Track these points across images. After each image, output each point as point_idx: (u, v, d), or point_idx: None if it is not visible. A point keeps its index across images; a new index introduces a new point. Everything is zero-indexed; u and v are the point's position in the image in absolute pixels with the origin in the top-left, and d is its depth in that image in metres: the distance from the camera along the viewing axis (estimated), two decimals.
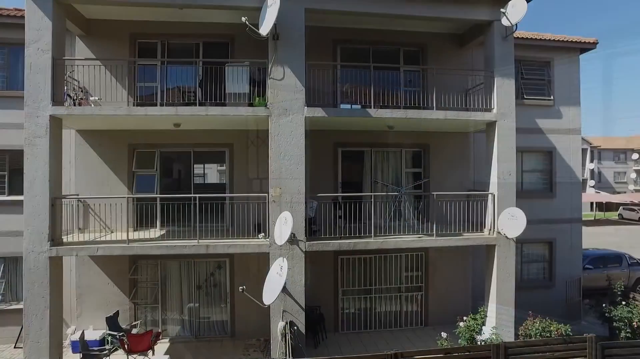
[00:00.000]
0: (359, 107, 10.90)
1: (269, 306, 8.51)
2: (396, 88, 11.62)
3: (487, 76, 10.34)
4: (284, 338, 8.82)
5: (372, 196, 9.86)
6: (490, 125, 10.29)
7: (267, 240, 9.23)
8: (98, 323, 10.32)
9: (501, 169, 10.06)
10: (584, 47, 13.91)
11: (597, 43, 13.76)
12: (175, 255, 9.64)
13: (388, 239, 9.63)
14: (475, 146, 12.38)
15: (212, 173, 11.88)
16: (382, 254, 11.68)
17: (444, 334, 9.16)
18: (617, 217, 50.20)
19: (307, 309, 9.69)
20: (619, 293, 11.83)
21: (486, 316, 10.14)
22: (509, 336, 9.80)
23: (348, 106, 11.41)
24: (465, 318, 9.74)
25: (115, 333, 9.41)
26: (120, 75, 10.37)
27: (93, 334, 9.91)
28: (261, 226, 9.81)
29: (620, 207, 50.21)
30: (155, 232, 10.28)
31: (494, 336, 9.25)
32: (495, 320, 9.94)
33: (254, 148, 10.99)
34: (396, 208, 11.48)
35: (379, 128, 11.13)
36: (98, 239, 9.67)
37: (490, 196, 10.23)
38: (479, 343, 9.20)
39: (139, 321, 10.70)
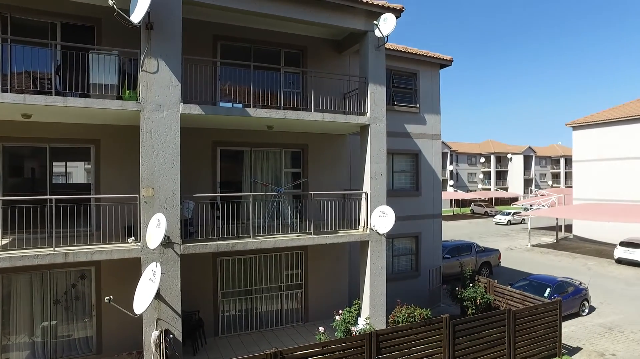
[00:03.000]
0: (240, 106, 10.77)
1: (141, 315, 7.89)
2: (277, 88, 11.75)
3: (361, 82, 11.03)
4: (158, 348, 8.27)
5: (251, 196, 9.80)
6: (364, 128, 11.00)
7: (139, 244, 8.54)
8: None
9: (374, 169, 10.83)
10: (443, 63, 15.76)
11: (453, 61, 15.71)
12: (23, 267, 8.27)
13: (267, 239, 9.65)
14: (351, 147, 13.13)
15: (77, 172, 10.53)
16: (262, 254, 11.69)
17: (321, 329, 9.53)
18: (469, 212, 58.09)
19: (184, 315, 9.25)
20: (468, 276, 13.70)
21: (361, 308, 10.84)
22: (381, 325, 10.61)
23: (229, 104, 11.16)
24: (341, 311, 10.26)
25: None
26: None
27: None
28: (132, 230, 9.06)
29: (472, 203, 58.28)
30: None
31: (367, 326, 9.92)
32: (369, 311, 10.67)
33: (125, 145, 10.08)
34: (275, 207, 11.60)
35: (259, 127, 11.12)
36: None
37: (364, 195, 10.94)
38: (354, 333, 9.77)
39: None
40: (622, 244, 24.47)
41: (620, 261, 24.27)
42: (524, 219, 44.29)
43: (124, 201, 9.46)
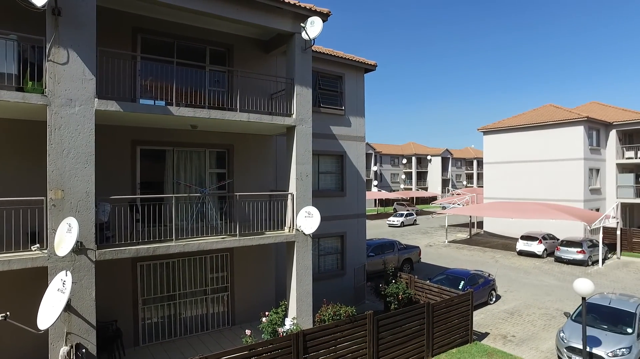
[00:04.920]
0: (163, 103, 10.28)
1: (47, 331, 7.19)
2: (202, 87, 11.38)
3: (288, 83, 11.06)
4: None
5: (174, 198, 9.39)
6: (290, 129, 11.05)
7: (45, 251, 7.77)
8: None
9: (299, 170, 10.91)
10: (367, 68, 16.35)
11: (377, 65, 16.36)
12: None
13: (190, 241, 9.30)
14: (277, 148, 13.12)
15: None
16: (186, 257, 11.26)
17: (248, 331, 9.40)
18: (392, 211, 60.84)
19: (100, 326, 8.63)
20: (391, 273, 14.35)
21: (288, 308, 10.87)
22: (308, 324, 10.72)
23: (150, 102, 10.61)
24: (268, 313, 10.21)
25: None
26: None
27: None
28: (37, 236, 8.22)
29: (395, 203, 61.12)
30: None
31: (294, 326, 9.96)
32: (296, 311, 10.73)
33: (27, 143, 9.12)
34: (199, 209, 11.23)
35: (182, 127, 10.69)
36: None
37: (290, 196, 10.98)
38: (281, 334, 9.76)
39: None
40: (522, 238, 27.25)
41: (521, 253, 27.00)
42: (416, 220, 47.11)
43: (26, 204, 8.56)
